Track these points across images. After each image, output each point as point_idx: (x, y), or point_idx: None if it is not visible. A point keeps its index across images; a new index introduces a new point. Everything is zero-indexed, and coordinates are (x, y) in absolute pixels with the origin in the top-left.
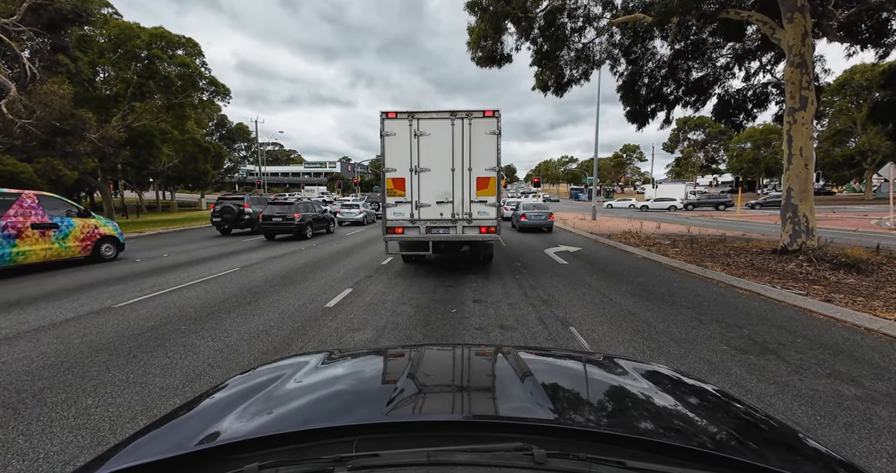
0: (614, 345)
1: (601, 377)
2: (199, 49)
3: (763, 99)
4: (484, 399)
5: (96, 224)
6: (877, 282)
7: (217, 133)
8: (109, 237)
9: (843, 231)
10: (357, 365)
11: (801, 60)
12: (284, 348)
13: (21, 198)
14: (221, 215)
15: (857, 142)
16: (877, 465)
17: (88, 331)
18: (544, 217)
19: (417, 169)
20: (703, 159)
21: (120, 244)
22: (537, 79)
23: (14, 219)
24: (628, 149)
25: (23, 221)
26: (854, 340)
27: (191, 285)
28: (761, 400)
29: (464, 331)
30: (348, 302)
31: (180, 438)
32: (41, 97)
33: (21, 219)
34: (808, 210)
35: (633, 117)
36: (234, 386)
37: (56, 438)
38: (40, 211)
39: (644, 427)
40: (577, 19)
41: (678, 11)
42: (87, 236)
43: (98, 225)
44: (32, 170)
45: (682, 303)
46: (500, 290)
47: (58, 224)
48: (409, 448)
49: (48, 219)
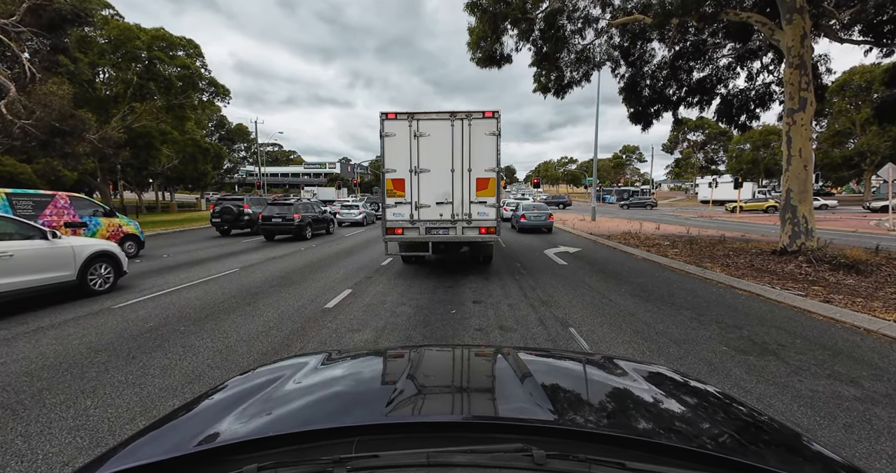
0: (614, 346)
1: (601, 378)
2: (199, 50)
3: (766, 98)
4: (484, 400)
5: (120, 223)
6: (876, 283)
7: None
8: (132, 235)
9: (843, 232)
10: (356, 365)
11: (800, 61)
12: (284, 349)
13: (55, 199)
14: (221, 216)
15: (856, 143)
16: (876, 466)
17: (87, 332)
18: (544, 218)
19: (417, 169)
20: (703, 160)
21: (141, 242)
22: (537, 81)
23: (50, 217)
24: (628, 150)
25: (57, 220)
26: (853, 341)
27: (190, 286)
28: (761, 401)
29: (463, 332)
30: (348, 303)
31: (179, 439)
32: (41, 98)
33: (56, 218)
34: (807, 211)
35: (636, 119)
36: (234, 387)
37: (55, 439)
38: (72, 210)
39: (644, 428)
40: (576, 21)
41: (677, 13)
42: (113, 234)
43: (122, 224)
44: (32, 171)
45: (682, 304)
46: (500, 291)
47: (87, 223)
48: (408, 449)
49: (79, 218)
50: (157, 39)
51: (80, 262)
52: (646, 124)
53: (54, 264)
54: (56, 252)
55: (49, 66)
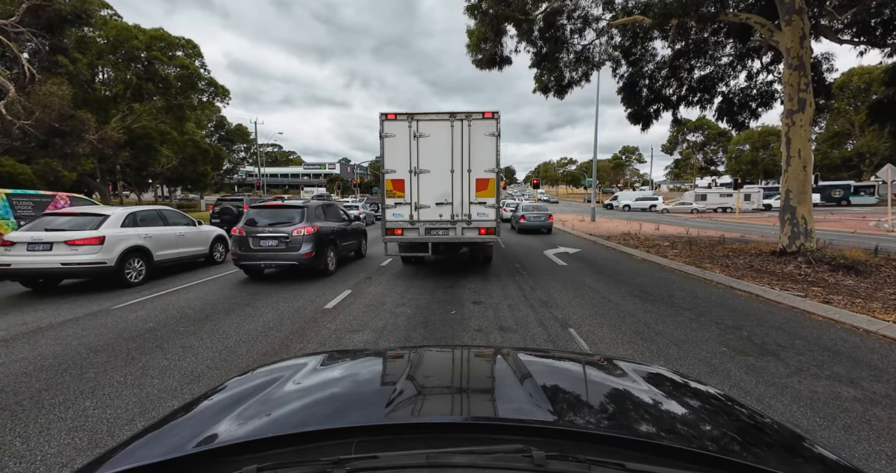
0: (613, 347)
1: (601, 378)
2: (198, 50)
3: (768, 97)
4: (483, 401)
5: None
6: (875, 284)
7: (216, 134)
8: None
9: (842, 233)
10: (356, 366)
11: (800, 62)
12: (283, 350)
13: (55, 200)
14: (220, 216)
15: (855, 144)
16: (876, 467)
17: (86, 333)
18: (543, 218)
19: (417, 170)
20: (702, 161)
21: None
22: (537, 81)
23: None
24: (627, 150)
25: None
26: (853, 342)
27: (189, 286)
28: (760, 402)
29: (463, 333)
30: (347, 304)
31: (178, 440)
32: (40, 98)
33: None
34: (806, 211)
35: (635, 118)
36: (233, 388)
37: (53, 440)
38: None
39: (644, 429)
40: (576, 21)
41: (677, 13)
42: None
43: None
44: (31, 172)
45: (681, 305)
46: (500, 292)
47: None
48: (408, 450)
49: None
50: (156, 40)
51: (209, 242)
52: (645, 124)
53: (199, 241)
54: (201, 234)
55: (48, 66)
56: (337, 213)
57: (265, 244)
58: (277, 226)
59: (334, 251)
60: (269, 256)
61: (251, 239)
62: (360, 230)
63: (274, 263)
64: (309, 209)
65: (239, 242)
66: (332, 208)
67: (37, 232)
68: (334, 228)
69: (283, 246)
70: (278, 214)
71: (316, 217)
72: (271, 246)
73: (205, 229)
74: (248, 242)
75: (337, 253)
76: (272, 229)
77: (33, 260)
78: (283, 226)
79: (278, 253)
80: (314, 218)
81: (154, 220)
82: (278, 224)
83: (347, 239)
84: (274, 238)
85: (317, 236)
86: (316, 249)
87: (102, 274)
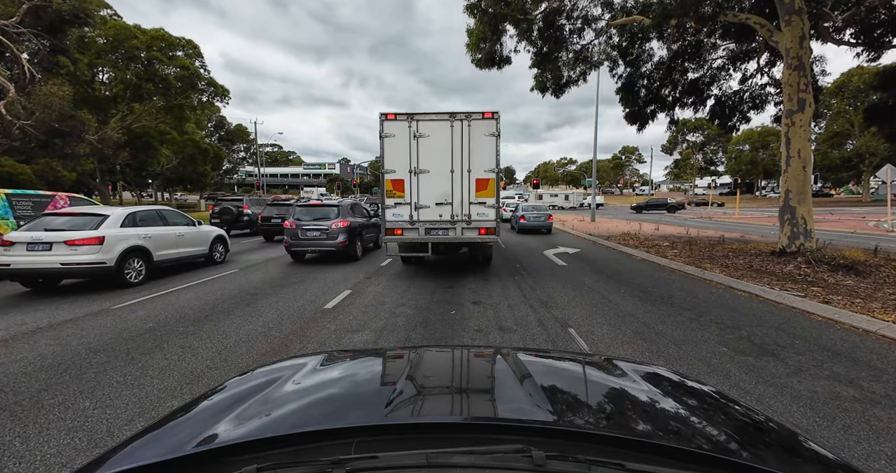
0: (613, 347)
1: (600, 378)
2: (198, 50)
3: (761, 100)
4: (483, 401)
5: None
6: (875, 284)
7: (216, 134)
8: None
9: (841, 233)
10: (356, 366)
11: (799, 63)
12: (283, 350)
13: (55, 200)
14: (220, 216)
15: (854, 144)
16: (875, 467)
17: (86, 333)
18: (543, 218)
19: (417, 170)
20: (702, 161)
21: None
22: (536, 80)
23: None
24: (627, 150)
25: None
26: (852, 342)
27: (189, 286)
28: (760, 402)
29: (463, 333)
30: (347, 304)
31: (178, 440)
32: (40, 98)
33: None
34: (806, 212)
35: (632, 119)
36: (232, 388)
37: (53, 440)
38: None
39: (643, 428)
40: (575, 21)
41: (676, 13)
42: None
43: None
44: (31, 172)
45: (681, 305)
46: (500, 292)
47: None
48: (408, 450)
49: None
50: (156, 39)
51: (209, 242)
52: (641, 124)
53: (199, 241)
54: (201, 234)
55: (49, 66)
56: (362, 211)
57: (310, 234)
58: (319, 221)
59: (361, 241)
60: (313, 243)
61: (299, 231)
62: (378, 224)
63: (318, 249)
64: (342, 207)
65: (290, 233)
66: (358, 206)
67: (36, 232)
68: (361, 223)
69: (324, 236)
70: (319, 211)
71: (348, 213)
72: (315, 236)
73: (205, 229)
74: (297, 233)
75: (363, 244)
76: (315, 223)
77: (33, 260)
78: (324, 220)
79: (321, 241)
80: (347, 214)
81: (154, 220)
82: (319, 219)
83: (370, 232)
84: (317, 229)
85: (349, 229)
86: (349, 239)
87: (102, 275)
